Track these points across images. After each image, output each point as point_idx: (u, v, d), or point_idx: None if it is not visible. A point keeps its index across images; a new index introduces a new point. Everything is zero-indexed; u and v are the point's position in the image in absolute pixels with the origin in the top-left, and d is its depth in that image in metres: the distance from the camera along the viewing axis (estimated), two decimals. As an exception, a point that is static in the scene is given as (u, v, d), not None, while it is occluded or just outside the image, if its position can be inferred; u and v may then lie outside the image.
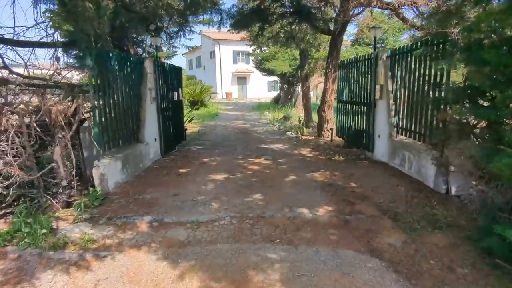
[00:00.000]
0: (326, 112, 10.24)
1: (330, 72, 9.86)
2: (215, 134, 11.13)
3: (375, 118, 6.85)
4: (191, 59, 46.73)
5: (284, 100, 22.80)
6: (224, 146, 8.68)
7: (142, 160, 6.12)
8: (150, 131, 6.70)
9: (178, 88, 8.95)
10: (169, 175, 5.76)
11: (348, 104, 8.36)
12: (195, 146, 8.73)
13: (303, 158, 7.15)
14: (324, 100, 10.18)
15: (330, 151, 7.82)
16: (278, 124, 13.79)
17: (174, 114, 8.55)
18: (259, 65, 21.95)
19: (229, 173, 5.84)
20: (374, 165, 6.25)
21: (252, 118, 17.05)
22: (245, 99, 35.40)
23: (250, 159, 7.03)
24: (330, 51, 9.82)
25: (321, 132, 10.44)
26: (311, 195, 4.60)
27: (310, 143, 9.14)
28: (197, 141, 9.71)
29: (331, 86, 10.02)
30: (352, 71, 8.11)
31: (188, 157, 7.36)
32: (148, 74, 6.68)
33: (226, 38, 36.41)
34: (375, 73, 6.77)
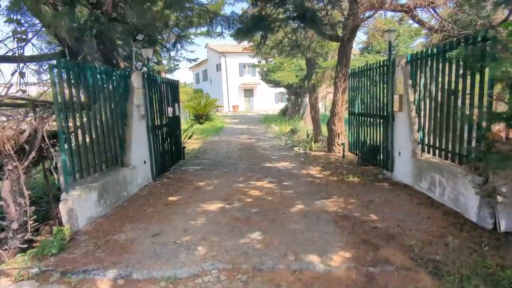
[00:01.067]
0: (337, 125, 9.37)
1: (340, 81, 9.04)
2: (217, 151, 10.35)
3: (393, 133, 5.96)
4: (198, 72, 46.63)
5: (291, 112, 22.02)
6: (225, 166, 7.87)
7: (126, 188, 5.33)
8: (138, 153, 5.94)
9: (174, 104, 8.23)
10: (156, 205, 4.95)
11: (361, 116, 7.50)
12: (193, 167, 7.94)
13: (311, 179, 6.27)
14: (334, 112, 9.33)
15: (343, 170, 6.93)
16: (285, 138, 12.95)
17: (170, 132, 7.82)
18: (265, 76, 21.29)
19: (226, 202, 5.00)
20: (395, 188, 5.33)
21: (258, 132, 16.26)
22: (252, 111, 34.77)
23: (251, 182, 6.19)
24: (339, 59, 9.02)
25: (331, 147, 9.56)
26: (322, 233, 3.71)
27: (319, 160, 8.26)
28: (196, 160, 8.93)
29: (341, 97, 9.18)
30: (364, 80, 7.27)
31: (182, 180, 6.55)
32: (136, 89, 5.97)
33: (232, 50, 36.12)
34: (392, 82, 5.92)
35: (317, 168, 7.30)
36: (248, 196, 5.26)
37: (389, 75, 6.03)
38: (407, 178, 5.47)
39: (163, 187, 6.01)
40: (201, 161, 8.63)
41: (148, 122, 6.41)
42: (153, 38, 8.39)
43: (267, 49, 11.12)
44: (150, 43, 8.47)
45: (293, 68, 17.04)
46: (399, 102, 5.62)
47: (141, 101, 6.16)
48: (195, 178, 6.71)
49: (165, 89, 7.57)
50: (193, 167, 7.85)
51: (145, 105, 6.34)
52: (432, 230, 3.59)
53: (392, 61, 5.88)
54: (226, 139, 13.55)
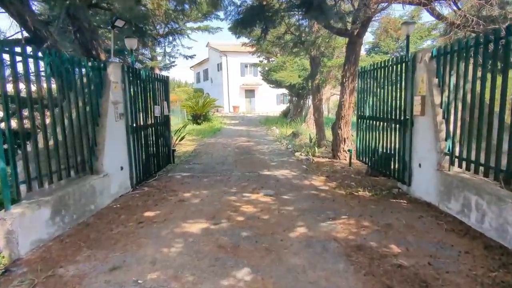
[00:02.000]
0: (343, 130, 8.50)
1: (348, 81, 8.18)
2: (211, 155, 9.48)
3: (413, 141, 5.09)
4: (199, 71, 45.87)
5: (293, 114, 21.17)
6: (217, 173, 7.00)
7: (94, 200, 4.47)
8: (114, 158, 5.09)
9: (163, 102, 7.38)
10: (127, 223, 4.08)
11: (372, 120, 6.63)
12: (181, 173, 7.07)
13: (315, 192, 5.39)
14: (340, 115, 8.46)
15: (351, 181, 6.06)
16: (286, 142, 12.08)
17: (157, 133, 6.96)
18: (266, 76, 20.44)
19: (212, 220, 4.13)
20: (416, 208, 4.45)
21: (257, 134, 15.40)
22: (252, 112, 33.93)
23: (245, 194, 5.32)
24: (347, 57, 8.16)
25: (336, 153, 8.69)
26: (331, 272, 2.84)
27: (324, 168, 7.39)
28: (186, 164, 8.07)
29: (349, 98, 8.32)
30: (376, 80, 6.41)
31: (166, 189, 5.69)
32: (113, 84, 5.11)
33: (233, 50, 35.31)
34: (412, 81, 5.05)
35: (321, 178, 6.43)
36: (240, 213, 4.39)
37: (408, 73, 5.17)
38: (430, 195, 4.59)
39: (142, 198, 5.15)
40: (192, 166, 7.76)
41: (128, 122, 5.55)
42: (141, 29, 7.55)
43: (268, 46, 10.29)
44: (138, 34, 7.63)
45: (295, 68, 16.19)
46: (421, 104, 4.75)
47: (119, 98, 5.30)
48: (181, 187, 5.84)
49: (151, 86, 6.72)
50: (182, 174, 6.98)
51: (124, 103, 5.48)
52: (477, 274, 2.71)
53: (413, 57, 5.01)
54: (223, 141, 12.69)
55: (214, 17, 12.39)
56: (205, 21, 12.84)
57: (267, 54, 20.91)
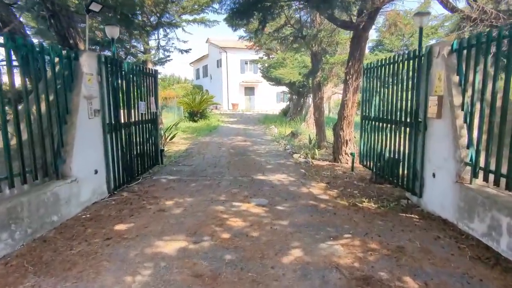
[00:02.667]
0: (345, 131, 7.89)
1: (351, 79, 7.56)
2: (203, 155, 8.86)
3: (426, 147, 4.48)
4: (198, 68, 45.20)
5: (293, 112, 20.55)
6: (207, 176, 6.39)
7: (58, 210, 3.86)
8: (86, 160, 4.47)
9: (150, 97, 6.77)
10: (92, 239, 3.47)
11: (378, 122, 6.01)
12: (168, 176, 6.46)
13: (314, 203, 4.78)
14: (343, 115, 7.85)
15: (354, 190, 5.46)
16: (284, 142, 11.47)
17: (142, 132, 6.35)
18: (266, 73, 19.81)
19: (192, 237, 3.53)
20: (430, 226, 3.84)
21: (255, 133, 14.78)
22: (252, 110, 33.31)
23: (235, 204, 4.71)
24: (351, 52, 7.54)
25: (337, 156, 8.08)
26: (332, 316, 2.24)
27: (324, 173, 6.78)
28: (175, 166, 7.45)
29: (352, 97, 7.70)
30: (384, 77, 5.79)
31: (147, 195, 5.08)
32: (86, 76, 4.49)
33: (233, 46, 34.59)
34: (426, 79, 4.43)
35: (321, 185, 5.82)
36: (226, 229, 3.78)
37: (422, 69, 4.55)
38: (446, 211, 3.98)
39: (117, 207, 4.53)
40: (180, 169, 7.14)
41: (105, 119, 4.93)
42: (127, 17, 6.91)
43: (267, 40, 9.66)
44: (124, 23, 6.99)
45: (296, 65, 15.55)
46: (437, 105, 4.13)
47: (94, 92, 4.68)
48: (165, 193, 5.23)
49: (136, 79, 6.09)
50: (168, 177, 6.36)
51: (101, 97, 4.86)
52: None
53: (429, 51, 4.39)
54: (218, 140, 12.07)
55: (211, 10, 11.77)
56: (202, 13, 12.21)
57: (267, 50, 20.26)
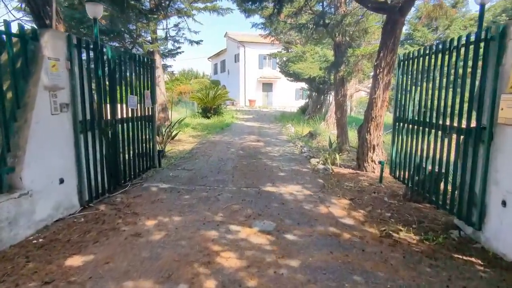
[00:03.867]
0: (372, 134, 6.71)
1: (382, 73, 6.36)
2: (208, 157, 7.88)
3: (491, 163, 3.28)
4: (216, 63, 44.45)
5: (312, 110, 19.31)
6: (206, 185, 5.39)
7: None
8: (47, 167, 3.56)
9: (144, 91, 5.83)
10: (26, 281, 2.53)
11: (418, 125, 4.82)
12: (161, 183, 5.50)
13: (336, 231, 3.68)
14: (370, 115, 6.66)
15: (385, 210, 4.34)
16: (301, 144, 10.34)
17: (133, 130, 5.44)
18: (284, 68, 18.63)
19: (163, 285, 2.53)
20: (509, 282, 2.68)
21: (269, 132, 13.70)
22: (269, 107, 32.21)
23: (232, 228, 3.68)
24: (383, 41, 6.33)
25: (362, 163, 6.91)
26: None
27: (346, 184, 5.66)
28: (174, 170, 6.50)
29: (382, 94, 6.50)
30: (428, 70, 4.59)
31: (127, 211, 4.13)
32: (49, 61, 3.56)
33: (251, 40, 33.53)
34: (495, 70, 3.23)
35: (343, 202, 4.71)
36: (214, 271, 2.76)
37: (489, 57, 3.35)
38: (526, 257, 2.81)
39: (84, 227, 3.60)
40: (178, 174, 6.17)
41: (77, 116, 4.00)
42: None
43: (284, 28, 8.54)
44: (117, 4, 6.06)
45: (316, 59, 14.33)
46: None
47: (60, 82, 3.75)
48: (150, 208, 4.27)
49: (125, 69, 5.15)
50: (161, 184, 5.41)
51: (71, 89, 3.92)
52: None
53: (502, 31, 3.18)
54: (228, 139, 11.08)
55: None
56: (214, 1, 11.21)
57: (285, 44, 19.09)
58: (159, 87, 10.80)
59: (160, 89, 10.83)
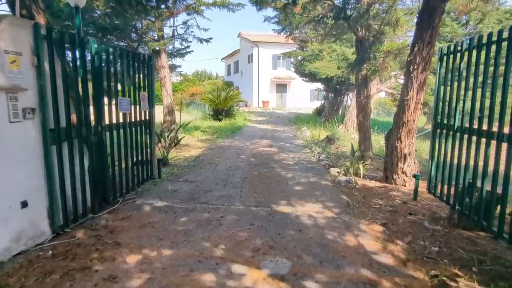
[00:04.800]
0: (404, 142, 5.78)
1: (416, 70, 5.42)
2: (216, 166, 7.09)
3: None
4: (230, 64, 43.86)
5: (328, 112, 18.33)
6: (208, 203, 4.58)
7: None
8: (2, 187, 2.82)
9: (139, 92, 5.09)
10: None
11: (467, 134, 3.89)
12: (156, 200, 4.72)
13: (370, 277, 2.79)
14: (401, 120, 5.72)
15: (429, 241, 3.42)
16: (319, 150, 9.43)
17: (125, 138, 4.71)
18: (299, 67, 17.72)
19: None
20: None
21: (283, 136, 12.82)
22: (283, 108, 31.29)
23: (235, 270, 2.84)
24: (418, 33, 5.38)
25: (391, 174, 5.98)
26: None
27: (375, 202, 4.77)
28: (174, 182, 5.72)
29: (416, 95, 5.56)
30: (487, 64, 3.65)
31: (108, 239, 3.36)
32: (6, 56, 2.84)
33: (265, 40, 32.74)
34: None
35: (375, 228, 3.81)
36: None
37: None
38: None
39: (47, 266, 2.83)
40: (178, 187, 5.39)
41: (46, 124, 3.25)
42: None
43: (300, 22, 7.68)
44: None
45: (334, 58, 13.37)
46: None
47: (24, 81, 3.01)
48: (135, 236, 3.48)
49: (113, 67, 4.41)
50: (156, 202, 4.63)
51: (39, 91, 3.18)
52: None
53: None
54: (239, 144, 10.27)
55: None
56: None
57: (300, 42, 18.18)
58: (165, 88, 10.11)
59: (167, 91, 10.13)
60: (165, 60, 10.24)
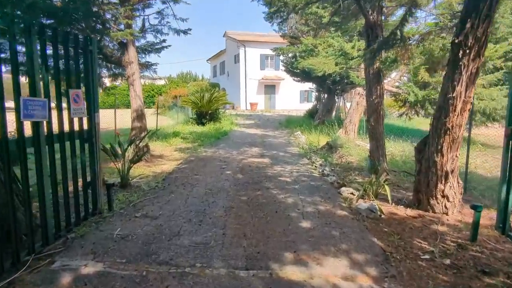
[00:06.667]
0: (446, 156, 4.26)
1: (467, 55, 3.89)
2: (192, 188, 5.38)
3: None
4: (215, 65, 42.14)
5: (322, 115, 16.84)
6: (171, 263, 2.89)
7: None
8: None
9: (71, 91, 3.38)
10: None
11: None
12: (88, 260, 3.00)
13: None
14: (443, 126, 4.19)
15: None
16: (319, 160, 7.84)
17: (41, 161, 2.98)
18: (290, 66, 16.18)
19: None
20: None
21: (276, 142, 11.20)
22: (272, 111, 29.75)
23: None
24: (471, 3, 3.84)
25: (427, 198, 4.45)
26: None
27: (420, 248, 3.17)
28: (129, 219, 3.99)
29: (465, 92, 4.04)
30: None
31: None
32: None
33: (252, 39, 31.22)
34: None
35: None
36: None
37: None
38: None
39: None
40: (132, 229, 3.66)
41: None
42: None
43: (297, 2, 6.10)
44: None
45: (331, 53, 11.86)
46: None
47: None
48: None
49: (12, 51, 2.69)
50: (85, 265, 2.90)
51: None
52: None
53: None
54: (224, 154, 8.59)
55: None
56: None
57: (291, 39, 16.64)
58: (134, 87, 8.36)
59: (135, 91, 8.39)
60: (133, 55, 8.49)
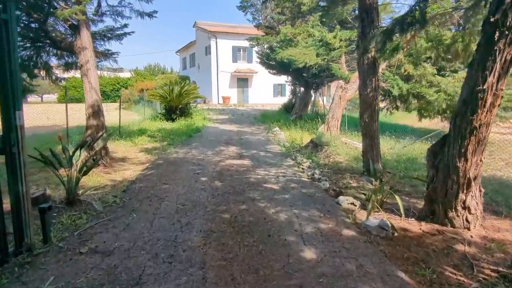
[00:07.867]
0: (470, 160, 3.55)
1: (503, 39, 3.15)
2: (160, 202, 4.34)
3: None
4: (185, 57, 40.35)
5: (299, 109, 16.13)
6: None
7: None
8: None
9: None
10: None
11: None
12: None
13: None
14: (469, 125, 3.45)
15: None
16: (306, 160, 7.01)
17: None
18: (266, 58, 15.25)
19: None
20: None
21: (254, 140, 10.28)
22: (246, 105, 28.74)
23: None
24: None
25: (445, 210, 3.74)
26: None
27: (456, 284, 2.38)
28: (73, 256, 2.92)
29: (497, 83, 3.31)
30: None
31: None
32: None
33: (224, 30, 29.90)
34: None
35: None
36: None
37: None
38: None
39: None
40: (73, 276, 2.61)
41: None
42: None
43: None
44: None
45: (311, 43, 11.06)
46: None
47: None
48: None
49: None
50: None
51: None
52: None
53: None
54: (198, 155, 7.54)
55: None
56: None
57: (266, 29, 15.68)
58: (88, 78, 7.07)
59: (90, 83, 7.09)
60: (87, 40, 7.17)
